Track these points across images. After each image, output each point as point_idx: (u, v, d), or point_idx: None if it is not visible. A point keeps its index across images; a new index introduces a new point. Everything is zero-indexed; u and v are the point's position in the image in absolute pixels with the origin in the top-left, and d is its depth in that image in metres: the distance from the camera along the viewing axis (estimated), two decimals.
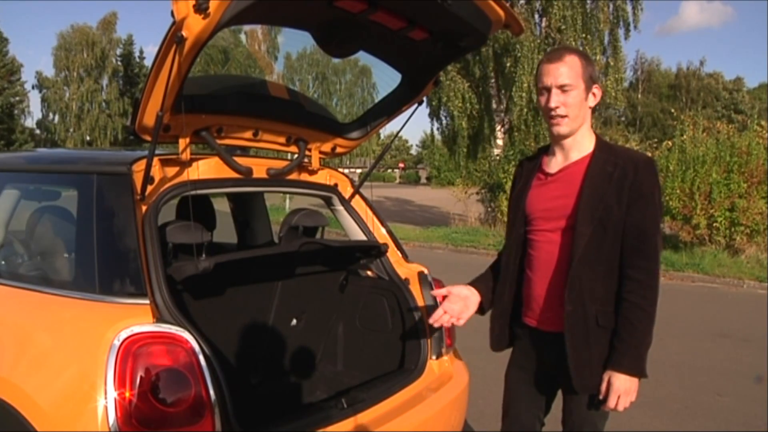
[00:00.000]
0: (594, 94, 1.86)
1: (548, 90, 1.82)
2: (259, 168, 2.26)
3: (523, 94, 13.53)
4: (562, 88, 1.80)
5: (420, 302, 2.44)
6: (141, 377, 1.51)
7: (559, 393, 1.99)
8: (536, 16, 14.70)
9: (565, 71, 1.80)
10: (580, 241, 1.80)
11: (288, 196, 15.45)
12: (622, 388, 1.77)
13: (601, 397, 1.80)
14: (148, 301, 1.65)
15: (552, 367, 1.92)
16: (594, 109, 1.93)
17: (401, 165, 64.27)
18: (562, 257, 1.85)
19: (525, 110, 13.70)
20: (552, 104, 1.81)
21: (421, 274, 2.53)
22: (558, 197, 1.88)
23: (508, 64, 14.09)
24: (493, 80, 15.17)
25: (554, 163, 1.92)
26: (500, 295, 2.03)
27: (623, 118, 45.14)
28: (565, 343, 1.82)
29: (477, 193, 14.58)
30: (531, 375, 2.01)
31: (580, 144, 1.88)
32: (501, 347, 2.06)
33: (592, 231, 1.79)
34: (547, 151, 1.98)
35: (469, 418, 2.56)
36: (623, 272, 1.79)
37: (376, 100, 2.65)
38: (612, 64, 14.90)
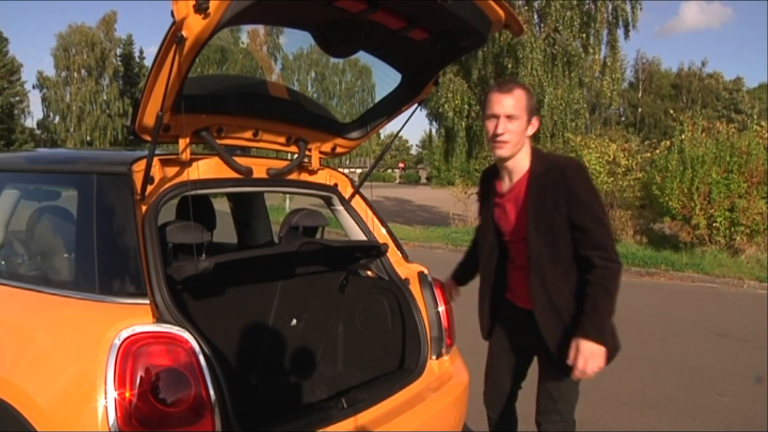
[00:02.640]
0: (533, 124, 2.12)
1: (497, 117, 2.07)
2: (259, 168, 2.26)
3: None
4: (509, 117, 2.06)
5: (420, 302, 2.44)
6: (141, 377, 1.51)
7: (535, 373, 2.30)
8: (535, 16, 14.70)
9: (513, 103, 2.06)
10: (534, 249, 2.09)
11: (288, 196, 15.45)
12: (588, 352, 1.99)
13: (570, 362, 2.02)
14: (148, 301, 1.65)
15: (531, 340, 2.20)
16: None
17: (401, 165, 64.29)
18: (523, 259, 2.16)
19: None
20: (499, 131, 2.06)
21: (421, 274, 2.53)
22: (512, 215, 2.18)
23: (509, 65, 14.08)
24: (493, 80, 15.16)
25: (503, 185, 2.22)
26: (483, 294, 2.35)
27: (623, 119, 45.16)
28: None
29: (477, 193, 14.55)
30: (510, 345, 2.35)
31: (520, 165, 2.15)
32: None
33: (544, 240, 2.07)
34: (496, 172, 2.25)
35: (469, 418, 2.56)
36: (583, 262, 2.06)
37: (376, 100, 2.65)
38: (609, 64, 14.90)
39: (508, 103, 2.05)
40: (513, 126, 2.05)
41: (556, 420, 2.23)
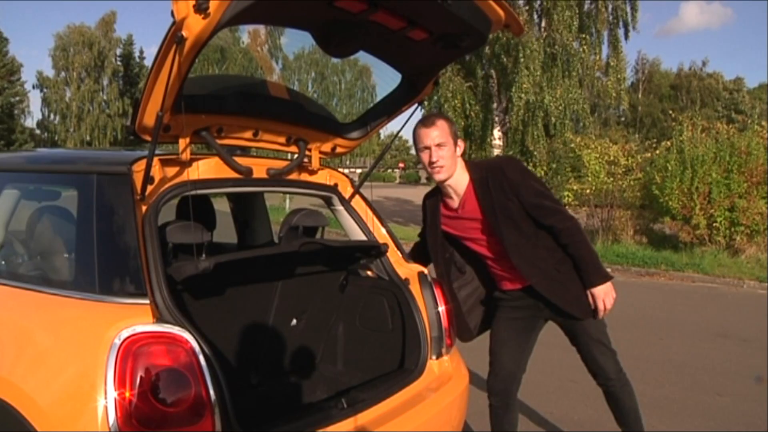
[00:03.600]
0: (459, 146, 2.43)
1: (428, 148, 2.37)
2: (259, 168, 2.26)
3: (522, 95, 13.51)
4: (438, 146, 2.36)
5: (420, 302, 2.44)
6: (141, 377, 1.51)
7: (550, 338, 2.67)
8: (536, 16, 14.70)
9: (438, 133, 2.37)
10: (506, 237, 2.39)
11: (288, 196, 15.44)
12: (602, 293, 2.39)
13: (595, 309, 2.41)
14: (148, 301, 1.65)
15: (542, 312, 2.52)
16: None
17: (401, 165, 64.23)
18: (501, 249, 2.44)
19: (522, 111, 13.67)
20: (433, 159, 2.37)
21: (421, 274, 2.53)
22: (473, 224, 2.48)
23: (510, 65, 14.08)
24: (493, 80, 15.16)
25: (453, 203, 2.51)
26: (465, 298, 2.64)
27: (623, 119, 45.15)
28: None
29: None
30: (515, 329, 2.57)
31: (460, 182, 2.46)
32: (475, 335, 2.66)
33: (508, 226, 2.39)
34: (440, 193, 2.56)
35: (469, 418, 2.56)
36: (547, 229, 2.41)
37: (376, 100, 2.65)
38: (613, 64, 14.90)
39: (434, 134, 2.36)
40: (443, 152, 2.36)
41: (614, 355, 2.58)
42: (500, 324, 2.59)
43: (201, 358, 1.60)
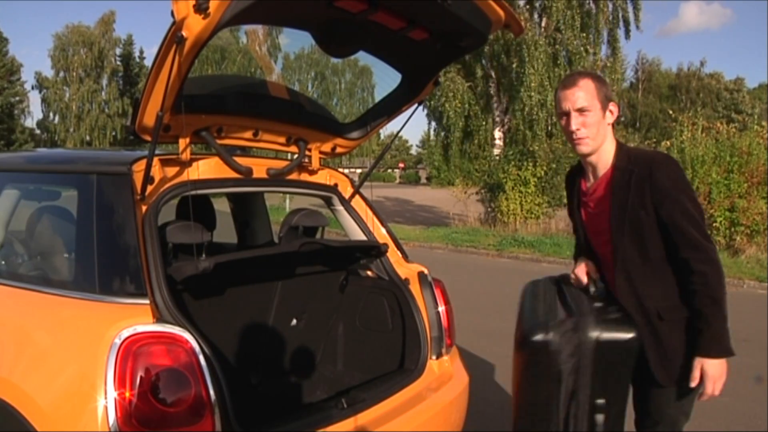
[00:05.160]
0: (611, 111, 1.96)
1: (567, 114, 1.95)
2: (259, 168, 2.26)
3: (532, 94, 13.50)
4: (580, 111, 1.92)
5: (420, 302, 2.44)
6: (141, 377, 1.51)
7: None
8: (536, 15, 14.70)
9: (581, 95, 1.92)
10: (618, 250, 1.95)
11: (288, 196, 15.44)
12: (716, 374, 1.83)
13: (693, 384, 1.85)
14: (148, 301, 1.65)
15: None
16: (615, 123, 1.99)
17: (401, 165, 64.27)
18: (609, 261, 2.01)
19: (536, 109, 13.65)
20: (573, 127, 1.94)
21: (421, 274, 2.53)
22: (596, 214, 2.04)
23: (514, 65, 14.08)
24: (493, 80, 15.17)
25: (587, 183, 2.07)
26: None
27: (623, 118, 45.14)
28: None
29: (477, 193, 14.59)
30: None
31: (604, 160, 1.99)
32: None
33: (629, 239, 1.92)
34: (581, 170, 2.10)
35: (469, 418, 2.56)
36: (679, 264, 1.88)
37: (376, 100, 2.65)
38: (609, 64, 14.90)
39: (576, 97, 1.92)
40: (587, 119, 1.92)
41: None
42: None
43: (201, 358, 1.60)
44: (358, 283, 2.68)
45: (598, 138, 1.95)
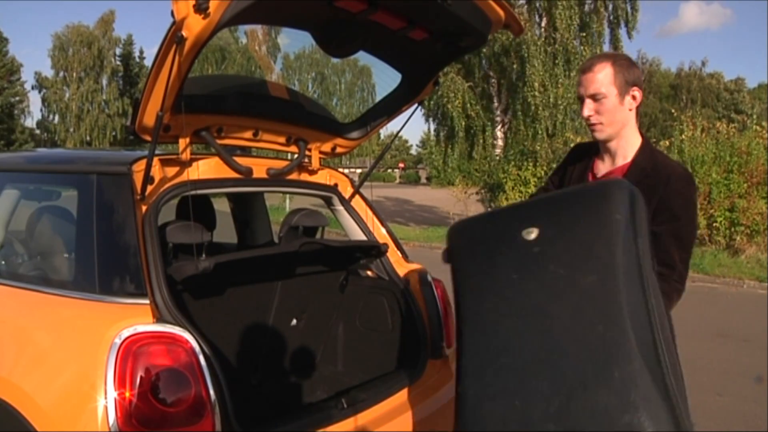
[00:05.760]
0: (634, 97, 1.88)
1: (582, 99, 1.90)
2: (259, 168, 2.26)
3: (537, 93, 13.51)
4: (593, 97, 1.87)
5: (420, 302, 2.44)
6: (141, 377, 1.51)
7: None
8: (536, 15, 14.71)
9: (595, 80, 1.86)
10: None
11: (288, 196, 15.44)
12: None
13: None
14: (148, 301, 1.65)
15: None
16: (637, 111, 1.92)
17: (401, 165, 64.26)
18: None
19: (540, 108, 13.65)
20: (585, 113, 1.89)
21: (421, 274, 2.53)
22: None
23: (515, 65, 14.09)
24: (494, 80, 15.17)
25: (601, 167, 1.99)
26: None
27: None
28: None
29: (477, 193, 14.59)
30: None
31: (624, 150, 1.92)
32: None
33: None
34: (596, 150, 2.02)
35: None
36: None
37: (376, 100, 2.65)
38: None
39: (590, 82, 1.87)
40: (601, 106, 1.87)
41: None
42: None
43: (201, 358, 1.60)
44: (358, 283, 2.68)
45: (615, 124, 1.88)
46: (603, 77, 1.86)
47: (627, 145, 1.92)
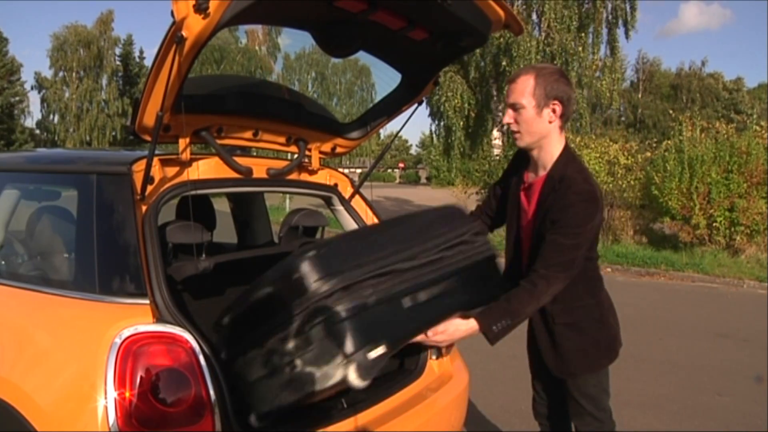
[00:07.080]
0: (554, 110, 1.93)
1: (506, 107, 2.01)
2: (259, 168, 2.25)
3: None
4: (512, 106, 1.97)
5: None
6: (141, 377, 1.51)
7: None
8: (534, 15, 14.71)
9: (515, 91, 1.96)
10: (526, 249, 2.04)
11: (288, 196, 15.44)
12: (452, 330, 1.87)
13: (432, 332, 1.86)
14: (148, 301, 1.65)
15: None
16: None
17: (401, 165, 64.25)
18: (522, 256, 2.09)
19: None
20: (505, 120, 2.01)
21: None
22: (527, 207, 2.07)
23: (504, 63, 14.09)
24: (493, 80, 15.17)
25: (529, 177, 2.09)
26: None
27: (623, 119, 45.14)
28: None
29: (477, 193, 14.58)
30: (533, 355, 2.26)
31: (545, 160, 2.00)
32: None
33: (534, 242, 1.98)
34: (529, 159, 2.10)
35: (469, 418, 2.56)
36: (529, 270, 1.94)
37: (376, 100, 2.65)
38: (609, 64, 14.91)
39: (511, 92, 1.96)
40: (519, 116, 1.95)
41: (589, 422, 2.12)
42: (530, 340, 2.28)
43: (201, 358, 1.60)
44: None
45: (533, 134, 1.95)
46: (522, 88, 1.93)
47: (547, 156, 1.99)
